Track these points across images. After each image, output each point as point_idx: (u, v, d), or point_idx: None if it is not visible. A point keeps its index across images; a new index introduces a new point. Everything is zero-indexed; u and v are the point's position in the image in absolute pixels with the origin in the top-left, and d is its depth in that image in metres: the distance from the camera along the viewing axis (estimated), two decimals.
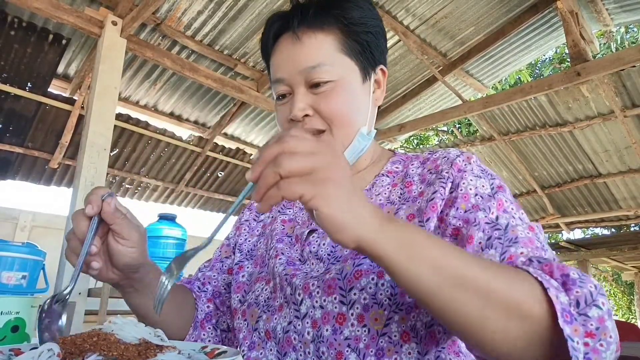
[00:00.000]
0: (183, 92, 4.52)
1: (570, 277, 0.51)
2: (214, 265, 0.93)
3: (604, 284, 15.22)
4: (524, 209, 1.07)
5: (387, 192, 0.76)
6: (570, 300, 0.49)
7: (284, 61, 0.75)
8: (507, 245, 0.59)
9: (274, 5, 3.67)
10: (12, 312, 0.81)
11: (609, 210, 6.30)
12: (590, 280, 0.51)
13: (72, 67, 4.01)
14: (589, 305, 0.48)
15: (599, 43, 7.46)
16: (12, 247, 1.87)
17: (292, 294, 0.71)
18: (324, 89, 0.72)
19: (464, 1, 4.11)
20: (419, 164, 0.78)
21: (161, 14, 3.56)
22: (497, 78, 5.58)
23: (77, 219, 0.61)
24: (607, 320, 0.48)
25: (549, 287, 0.48)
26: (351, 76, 0.74)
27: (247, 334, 0.75)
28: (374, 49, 0.77)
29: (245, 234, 0.92)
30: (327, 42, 0.73)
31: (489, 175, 0.71)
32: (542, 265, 0.54)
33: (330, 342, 0.65)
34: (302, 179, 0.44)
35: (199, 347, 0.54)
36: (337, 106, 0.72)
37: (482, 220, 0.63)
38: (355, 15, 0.74)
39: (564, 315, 0.47)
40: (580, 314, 0.48)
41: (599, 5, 4.10)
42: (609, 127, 5.00)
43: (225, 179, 5.77)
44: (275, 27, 0.78)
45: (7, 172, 4.44)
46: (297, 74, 0.73)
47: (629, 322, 6.38)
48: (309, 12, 0.74)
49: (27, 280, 1.82)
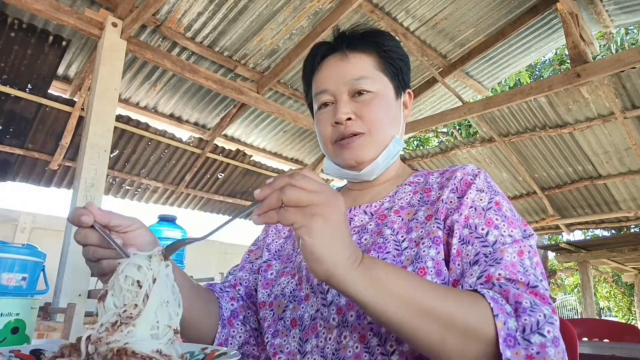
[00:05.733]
0: (183, 93, 4.53)
1: (522, 305, 0.57)
2: (243, 266, 0.97)
3: (604, 285, 15.22)
4: (523, 216, 1.09)
5: (409, 198, 0.84)
6: (518, 326, 0.55)
7: (331, 74, 0.86)
8: (490, 264, 0.65)
9: (274, 7, 3.67)
10: (12, 313, 0.81)
11: (609, 212, 6.30)
12: (541, 310, 0.57)
13: (72, 68, 4.01)
14: (533, 332, 0.55)
15: (599, 44, 7.47)
16: (12, 248, 1.87)
17: (319, 284, 0.77)
18: (365, 98, 0.83)
19: (464, 3, 4.12)
20: (439, 175, 0.86)
21: (161, 15, 3.57)
22: (497, 79, 5.59)
23: (82, 234, 0.62)
24: (549, 347, 0.54)
25: (497, 313, 0.55)
26: (387, 91, 0.86)
27: (272, 322, 0.81)
28: (405, 74, 0.90)
29: (272, 235, 0.98)
30: (369, 62, 0.86)
31: (493, 191, 0.77)
32: (501, 290, 0.60)
33: (355, 326, 0.70)
34: (297, 210, 0.52)
35: (199, 347, 0.54)
36: (376, 113, 0.83)
37: (472, 235, 0.70)
38: (391, 44, 0.88)
39: (507, 340, 0.54)
40: (525, 339, 0.55)
41: (599, 6, 4.11)
42: (609, 129, 5.00)
43: (225, 180, 5.77)
44: (323, 50, 0.90)
45: (7, 174, 4.43)
46: (343, 84, 0.84)
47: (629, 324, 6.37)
48: (355, 38, 0.87)
49: (27, 281, 1.82)
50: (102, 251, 0.63)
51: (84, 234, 0.62)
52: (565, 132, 5.21)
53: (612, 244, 7.59)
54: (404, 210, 0.81)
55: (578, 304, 15.89)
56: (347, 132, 0.82)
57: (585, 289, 8.21)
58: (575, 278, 14.93)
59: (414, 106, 5.40)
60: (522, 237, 0.70)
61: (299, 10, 3.78)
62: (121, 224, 0.64)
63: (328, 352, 0.71)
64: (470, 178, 0.78)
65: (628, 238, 7.38)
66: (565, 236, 7.79)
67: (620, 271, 10.31)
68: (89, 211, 0.61)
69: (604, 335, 2.36)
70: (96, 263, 0.64)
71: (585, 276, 8.17)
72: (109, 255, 0.62)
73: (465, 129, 10.88)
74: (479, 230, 0.70)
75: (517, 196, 6.54)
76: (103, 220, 0.63)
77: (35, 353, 0.55)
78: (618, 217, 6.42)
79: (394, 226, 0.78)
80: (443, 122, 4.89)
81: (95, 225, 0.62)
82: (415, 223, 0.76)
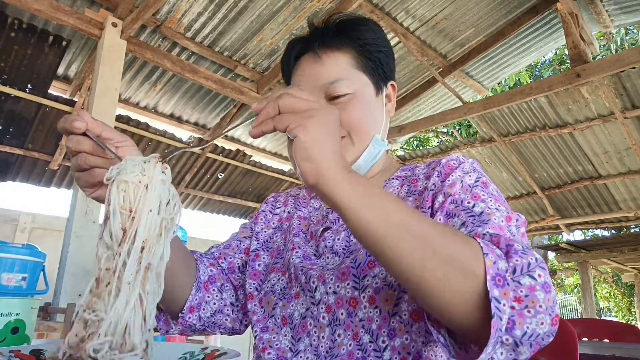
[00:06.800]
0: (183, 93, 4.53)
1: (513, 247, 0.54)
2: (230, 244, 0.95)
3: (604, 286, 15.22)
4: (520, 211, 1.07)
5: (396, 192, 0.83)
6: (509, 267, 0.52)
7: (305, 78, 0.82)
8: (477, 225, 0.62)
9: (274, 7, 3.67)
10: (12, 313, 0.81)
11: (609, 212, 6.30)
12: (532, 254, 0.53)
13: (72, 68, 4.01)
14: (523, 274, 0.51)
15: (599, 44, 7.47)
16: (12, 248, 1.87)
17: (307, 282, 0.76)
18: (342, 100, 0.80)
19: (463, 3, 4.12)
20: (425, 166, 0.84)
21: (161, 15, 3.57)
22: (497, 80, 5.58)
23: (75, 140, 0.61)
24: (539, 290, 0.51)
25: (487, 252, 0.52)
26: (366, 89, 0.82)
27: (262, 318, 0.80)
28: (385, 66, 0.85)
29: (261, 223, 0.96)
30: (344, 60, 0.82)
31: (479, 173, 0.75)
32: (492, 237, 0.58)
33: (347, 324, 0.70)
34: (293, 114, 0.53)
35: (199, 347, 0.54)
36: (354, 115, 0.80)
37: (458, 208, 0.68)
38: (369, 37, 0.83)
39: (496, 279, 0.50)
40: (514, 280, 0.51)
41: (599, 6, 4.11)
42: (609, 129, 5.00)
43: (225, 180, 5.77)
44: (297, 49, 0.85)
45: (7, 174, 4.44)
46: (319, 89, 0.80)
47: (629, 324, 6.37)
48: (329, 34, 0.82)
49: (27, 282, 1.82)
50: (94, 159, 0.61)
51: (77, 140, 0.60)
52: (565, 132, 5.21)
53: (612, 244, 7.59)
54: None
55: (578, 304, 15.89)
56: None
57: (585, 289, 8.20)
58: (575, 278, 14.93)
59: (413, 106, 5.42)
60: (507, 211, 0.67)
61: (299, 10, 3.77)
62: (113, 138, 0.62)
63: (322, 351, 0.71)
64: (453, 162, 0.76)
65: (628, 238, 7.39)
66: (565, 236, 7.79)
67: (620, 271, 10.31)
68: (82, 118, 0.59)
69: (604, 335, 2.36)
70: (86, 172, 0.62)
71: (585, 276, 8.16)
72: (101, 164, 0.61)
73: (465, 129, 10.88)
74: (464, 204, 0.68)
75: (517, 196, 6.54)
76: (96, 130, 0.61)
77: (35, 353, 0.55)
78: (618, 217, 6.42)
79: None
80: (443, 122, 4.89)
81: (88, 133, 0.60)
82: None
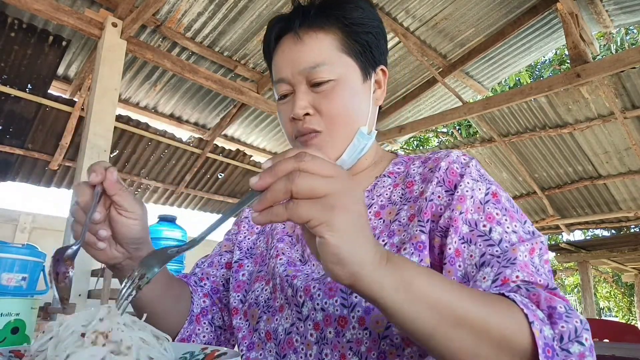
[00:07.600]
0: (183, 93, 4.53)
1: (557, 310, 0.51)
2: (212, 261, 0.92)
3: (604, 285, 15.22)
4: (523, 210, 1.06)
5: (389, 193, 0.76)
6: (555, 334, 0.49)
7: (286, 61, 0.75)
8: (504, 265, 0.58)
9: (274, 7, 3.67)
10: (12, 313, 0.81)
11: (609, 212, 6.30)
12: (576, 315, 0.51)
13: (72, 68, 4.01)
14: (571, 341, 0.49)
15: (599, 45, 7.47)
16: (12, 248, 1.87)
17: (294, 295, 0.71)
18: (324, 88, 0.72)
19: (463, 3, 4.12)
20: (420, 164, 0.78)
21: (161, 15, 3.57)
22: (497, 80, 5.58)
23: (81, 188, 0.60)
24: (588, 356, 0.49)
25: (533, 320, 0.49)
26: (351, 75, 0.74)
27: (247, 334, 0.76)
28: (374, 49, 0.77)
29: (244, 231, 0.91)
30: (327, 42, 0.73)
31: (487, 180, 0.70)
32: (530, 294, 0.54)
33: (334, 344, 0.65)
34: (312, 202, 0.42)
35: (199, 348, 0.53)
36: (337, 104, 0.72)
37: (474, 233, 0.63)
38: (356, 16, 0.75)
39: (545, 350, 0.47)
40: (563, 349, 0.49)
41: (599, 6, 4.10)
42: (609, 129, 5.01)
43: (225, 180, 5.77)
44: (277, 28, 0.78)
45: (7, 174, 4.44)
46: (298, 73, 0.73)
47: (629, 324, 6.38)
48: (310, 12, 0.74)
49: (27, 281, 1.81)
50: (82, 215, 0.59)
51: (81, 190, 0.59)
52: (565, 132, 5.21)
53: (612, 244, 7.59)
54: (384, 210, 0.74)
55: (578, 304, 15.88)
56: (304, 129, 0.72)
57: (585, 289, 8.20)
58: (575, 278, 14.93)
59: (413, 106, 5.42)
60: (524, 232, 0.64)
61: None
62: (123, 206, 0.61)
63: None
64: (456, 167, 0.70)
65: (628, 238, 7.39)
66: (565, 236, 7.79)
67: (620, 271, 10.31)
68: (101, 173, 0.58)
69: (604, 335, 2.36)
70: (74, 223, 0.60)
71: (585, 276, 8.16)
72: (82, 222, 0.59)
73: (465, 129, 10.87)
74: (480, 228, 0.63)
75: (517, 196, 6.54)
76: (111, 190, 0.59)
77: None
78: (618, 217, 6.42)
79: (375, 231, 0.71)
80: (443, 122, 4.89)
81: (97, 188, 0.59)
82: (398, 225, 0.70)
